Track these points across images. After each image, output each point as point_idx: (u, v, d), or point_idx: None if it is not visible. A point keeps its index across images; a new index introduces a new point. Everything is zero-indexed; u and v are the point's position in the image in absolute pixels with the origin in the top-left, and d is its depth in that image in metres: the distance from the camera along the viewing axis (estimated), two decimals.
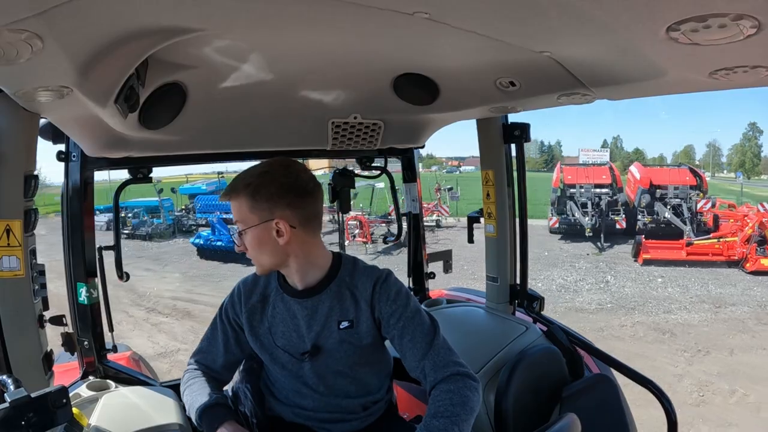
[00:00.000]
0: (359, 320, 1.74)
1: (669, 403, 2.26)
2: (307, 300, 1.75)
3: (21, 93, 1.24)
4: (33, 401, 1.19)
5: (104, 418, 1.84)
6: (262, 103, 2.12)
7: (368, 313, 1.75)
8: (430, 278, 3.26)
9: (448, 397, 1.58)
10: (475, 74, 1.88)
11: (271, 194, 1.64)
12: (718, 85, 1.43)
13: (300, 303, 1.76)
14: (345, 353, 1.74)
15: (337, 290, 1.76)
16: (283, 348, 1.76)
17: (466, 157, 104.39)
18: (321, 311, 1.74)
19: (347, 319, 1.74)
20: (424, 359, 1.68)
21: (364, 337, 1.75)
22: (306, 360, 1.74)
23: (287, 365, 1.77)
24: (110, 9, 0.98)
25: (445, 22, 1.21)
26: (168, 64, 1.67)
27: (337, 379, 1.78)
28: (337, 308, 1.74)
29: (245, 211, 1.66)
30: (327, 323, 1.74)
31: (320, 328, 1.74)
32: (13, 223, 1.70)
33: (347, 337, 1.74)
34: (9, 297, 1.72)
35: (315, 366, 1.75)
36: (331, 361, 1.75)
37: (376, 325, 1.76)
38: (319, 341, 1.74)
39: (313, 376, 1.76)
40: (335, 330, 1.73)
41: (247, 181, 1.65)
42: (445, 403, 1.57)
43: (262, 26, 1.36)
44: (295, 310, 1.76)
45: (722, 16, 0.91)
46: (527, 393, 2.17)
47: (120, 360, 2.58)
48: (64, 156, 2.15)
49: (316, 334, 1.74)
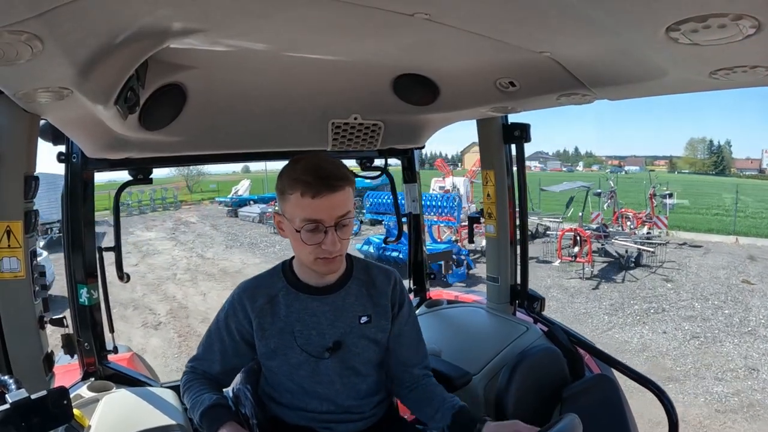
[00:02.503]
0: (377, 316, 1.78)
1: (669, 402, 2.26)
2: (329, 296, 1.75)
3: (21, 94, 1.24)
4: (33, 402, 1.18)
5: (105, 419, 1.84)
6: (261, 104, 2.12)
7: (387, 309, 1.80)
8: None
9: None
10: (475, 74, 1.88)
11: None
12: (718, 84, 1.43)
13: (320, 300, 1.75)
14: (362, 349, 1.77)
15: (356, 286, 1.79)
16: (302, 347, 1.73)
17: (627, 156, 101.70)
18: (344, 307, 1.76)
19: (366, 314, 1.77)
20: (417, 354, 1.88)
21: (379, 332, 1.78)
22: (326, 357, 1.73)
23: (303, 365, 1.75)
24: (110, 10, 0.98)
25: (445, 22, 1.21)
26: (168, 65, 1.67)
27: (351, 377, 1.78)
28: (357, 303, 1.77)
29: (352, 198, 1.61)
30: (350, 318, 1.75)
31: (343, 323, 1.75)
32: (13, 225, 1.70)
33: (366, 332, 1.76)
34: (10, 298, 1.72)
35: (333, 363, 1.74)
36: (349, 357, 1.75)
37: (390, 321, 1.81)
38: (341, 337, 1.74)
39: (329, 374, 1.75)
40: (357, 325, 1.75)
41: (344, 167, 1.61)
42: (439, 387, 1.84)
43: (262, 27, 1.36)
44: (314, 308, 1.74)
45: (722, 16, 0.91)
46: (528, 393, 2.18)
47: (120, 361, 2.58)
48: (64, 157, 2.15)
49: (338, 330, 1.74)
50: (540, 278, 12.83)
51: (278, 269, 1.82)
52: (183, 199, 40.47)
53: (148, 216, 32.14)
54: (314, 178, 1.52)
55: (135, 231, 24.68)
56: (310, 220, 1.55)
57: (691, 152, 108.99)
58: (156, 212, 34.20)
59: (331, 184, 1.52)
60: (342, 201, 1.55)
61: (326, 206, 1.53)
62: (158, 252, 18.99)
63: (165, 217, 31.03)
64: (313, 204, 1.53)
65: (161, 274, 15.22)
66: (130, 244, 20.36)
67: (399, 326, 1.83)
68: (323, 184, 1.52)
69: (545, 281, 12.67)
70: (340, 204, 1.55)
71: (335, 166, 1.57)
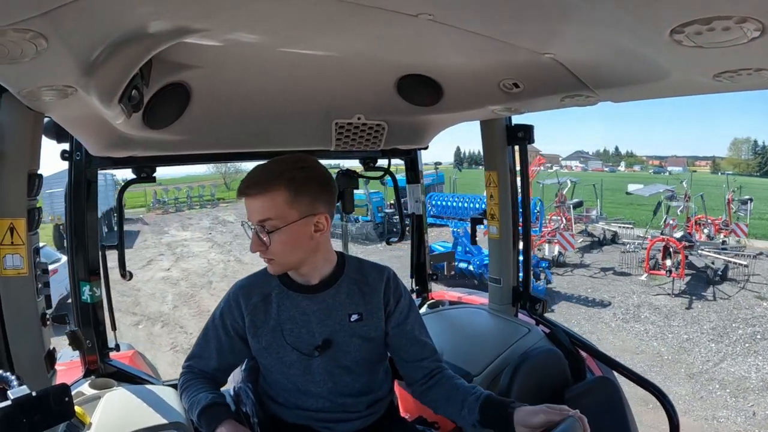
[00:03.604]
0: (369, 314, 1.79)
1: (671, 405, 2.26)
2: (319, 295, 1.78)
3: (25, 92, 1.24)
4: (35, 399, 1.19)
5: (106, 417, 1.85)
6: (265, 103, 2.13)
7: (380, 307, 1.81)
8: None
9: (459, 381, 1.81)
10: (479, 76, 1.88)
11: (314, 188, 1.66)
12: (722, 87, 1.42)
13: (311, 298, 1.77)
14: (353, 347, 1.78)
15: (348, 284, 1.80)
16: (293, 345, 1.75)
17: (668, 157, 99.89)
18: (334, 305, 1.77)
19: (357, 312, 1.78)
20: (425, 348, 1.86)
21: (372, 329, 1.80)
22: (316, 355, 1.75)
23: (295, 363, 1.77)
24: (115, 9, 0.99)
25: (449, 23, 1.21)
26: (172, 64, 1.68)
27: (343, 376, 1.79)
28: (348, 302, 1.79)
29: (282, 206, 1.61)
30: (340, 317, 1.77)
31: (333, 321, 1.76)
32: (17, 222, 1.71)
33: (357, 330, 1.78)
34: (12, 295, 1.73)
35: (324, 361, 1.76)
36: (340, 355, 1.77)
37: (384, 319, 1.82)
38: (330, 335, 1.76)
39: (321, 372, 1.77)
40: (347, 323, 1.77)
41: (288, 174, 1.61)
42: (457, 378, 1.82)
43: (266, 27, 1.36)
44: (304, 307, 1.77)
45: (726, 18, 0.91)
46: (529, 395, 2.17)
47: (122, 359, 2.58)
48: (68, 155, 2.16)
49: (328, 328, 1.76)
50: (624, 294, 12.03)
51: None
52: (220, 197, 40.08)
53: (184, 214, 31.57)
54: (242, 182, 1.65)
55: (170, 230, 23.95)
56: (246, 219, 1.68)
57: (734, 152, 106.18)
58: (193, 210, 33.65)
59: (248, 190, 1.62)
60: (258, 206, 1.62)
61: (248, 208, 1.65)
62: (193, 255, 18.17)
63: (202, 215, 30.35)
64: (245, 204, 1.65)
65: (196, 281, 14.35)
66: (164, 245, 19.64)
67: (397, 322, 1.84)
68: (244, 187, 1.63)
69: (631, 298, 11.77)
70: (257, 208, 1.63)
71: (268, 171, 1.64)
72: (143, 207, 33.61)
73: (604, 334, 9.64)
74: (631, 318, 10.49)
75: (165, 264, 16.27)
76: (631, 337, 9.58)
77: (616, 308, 11.09)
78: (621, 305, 11.27)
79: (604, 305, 11.31)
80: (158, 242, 20.87)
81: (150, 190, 34.32)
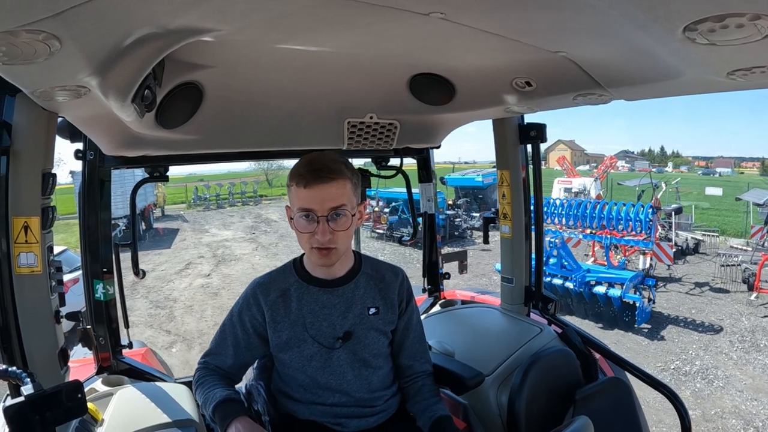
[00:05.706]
0: (385, 308, 1.87)
1: (683, 406, 2.24)
2: (339, 289, 1.83)
3: (39, 92, 1.25)
4: (48, 395, 1.20)
5: (119, 413, 1.87)
6: (277, 102, 2.13)
7: (395, 303, 1.89)
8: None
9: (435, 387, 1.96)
10: (491, 74, 1.87)
11: (359, 180, 1.77)
12: (735, 85, 1.40)
13: (331, 292, 1.82)
14: (371, 340, 1.83)
15: (365, 280, 1.87)
16: (314, 338, 1.79)
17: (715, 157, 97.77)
18: (354, 299, 1.83)
19: (375, 306, 1.85)
20: (422, 348, 1.98)
21: (387, 323, 1.87)
22: (337, 347, 1.79)
23: (315, 356, 1.79)
24: (127, 10, 0.99)
25: (461, 22, 1.20)
26: (184, 64, 1.69)
27: (361, 369, 1.82)
28: (367, 296, 1.85)
29: (350, 193, 1.69)
30: (360, 310, 1.83)
31: (353, 314, 1.82)
32: (31, 220, 1.73)
33: (375, 323, 1.84)
34: (26, 293, 1.75)
35: (343, 354, 1.80)
36: (359, 348, 1.81)
37: (397, 315, 1.89)
38: (351, 327, 1.81)
39: (341, 364, 1.80)
40: (366, 316, 1.83)
41: (344, 164, 1.70)
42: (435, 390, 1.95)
43: (279, 26, 1.36)
44: (324, 300, 1.81)
45: (740, 15, 0.90)
46: (540, 394, 2.16)
47: (135, 356, 2.61)
48: (81, 154, 2.18)
49: (349, 321, 1.81)
50: (732, 316, 10.63)
51: (290, 265, 1.88)
52: (263, 194, 39.40)
53: (226, 211, 30.51)
54: (307, 171, 1.64)
55: (211, 229, 22.85)
56: (303, 209, 1.66)
57: None
58: (234, 207, 32.65)
59: (321, 176, 1.63)
60: (333, 193, 1.65)
61: (317, 197, 1.64)
62: (235, 258, 17.05)
63: (244, 213, 29.12)
64: (306, 194, 1.64)
65: (238, 290, 11.81)
66: (204, 245, 18.63)
67: (407, 320, 1.93)
68: (314, 175, 1.63)
69: (741, 321, 10.38)
70: (331, 195, 1.65)
71: (331, 161, 1.67)
72: (183, 203, 33.07)
73: (730, 369, 8.33)
74: (750, 348, 9.20)
75: (204, 269, 15.50)
76: (758, 372, 8.23)
77: (729, 334, 9.83)
78: (734, 330, 10.02)
79: (716, 330, 10.03)
80: (198, 242, 20.00)
81: (191, 186, 34.19)
